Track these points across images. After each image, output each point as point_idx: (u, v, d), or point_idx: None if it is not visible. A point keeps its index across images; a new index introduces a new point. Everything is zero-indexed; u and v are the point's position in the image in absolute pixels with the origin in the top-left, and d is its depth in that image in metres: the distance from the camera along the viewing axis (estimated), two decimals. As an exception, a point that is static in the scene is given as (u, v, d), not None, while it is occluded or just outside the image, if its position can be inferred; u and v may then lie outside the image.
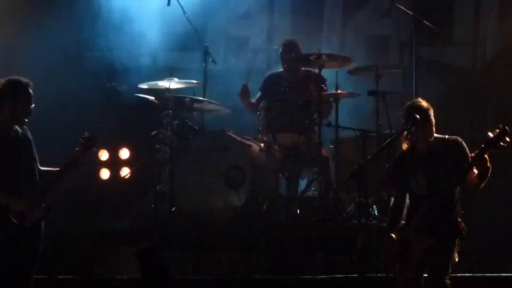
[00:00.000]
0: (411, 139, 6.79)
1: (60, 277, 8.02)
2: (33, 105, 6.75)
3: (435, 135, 6.80)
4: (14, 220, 6.53)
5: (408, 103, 6.89)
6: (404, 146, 6.89)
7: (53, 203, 6.75)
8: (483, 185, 6.59)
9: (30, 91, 6.75)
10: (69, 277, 8.05)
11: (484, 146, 6.36)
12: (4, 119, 6.69)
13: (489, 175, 6.55)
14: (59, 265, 8.21)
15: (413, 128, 6.69)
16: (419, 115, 6.66)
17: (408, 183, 6.77)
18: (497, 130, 6.35)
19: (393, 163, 7.18)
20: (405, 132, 6.78)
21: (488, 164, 6.51)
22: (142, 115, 10.33)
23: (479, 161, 6.45)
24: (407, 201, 6.85)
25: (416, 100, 6.88)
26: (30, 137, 6.83)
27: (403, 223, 6.78)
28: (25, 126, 6.80)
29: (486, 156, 6.46)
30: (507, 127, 6.37)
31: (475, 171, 6.54)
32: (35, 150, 6.82)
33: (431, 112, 6.77)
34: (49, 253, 6.98)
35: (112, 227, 9.03)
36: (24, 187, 6.64)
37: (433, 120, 6.76)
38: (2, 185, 6.56)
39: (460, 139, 6.78)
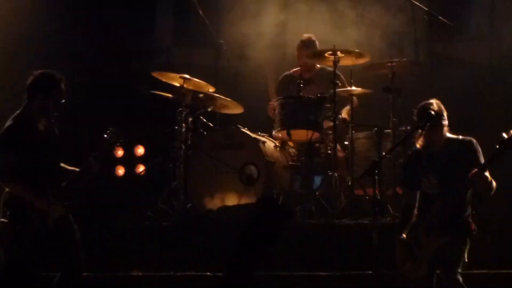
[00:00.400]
0: (424, 137, 6.77)
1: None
2: (64, 101, 6.76)
3: (449, 135, 6.77)
4: (36, 218, 6.55)
5: (422, 103, 6.86)
6: (418, 144, 6.86)
7: (68, 200, 6.77)
8: (492, 193, 6.57)
9: (63, 86, 6.75)
10: (84, 274, 8.06)
11: (498, 147, 6.30)
12: (34, 112, 6.69)
13: (493, 186, 6.51)
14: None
15: (428, 124, 6.67)
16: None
17: (420, 182, 6.75)
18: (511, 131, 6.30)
19: (405, 160, 7.16)
20: (419, 130, 6.77)
21: (489, 180, 6.46)
22: (157, 112, 10.33)
23: (478, 181, 6.42)
24: (418, 199, 6.85)
25: (429, 101, 6.84)
26: (57, 132, 6.83)
27: (415, 222, 6.77)
28: (53, 121, 6.80)
29: (486, 174, 6.42)
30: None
31: (487, 174, 6.51)
32: (60, 146, 6.82)
33: (445, 116, 6.73)
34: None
35: (127, 224, 9.03)
36: (46, 183, 6.64)
37: (446, 123, 6.72)
38: (26, 179, 6.56)
39: (474, 141, 6.73)
